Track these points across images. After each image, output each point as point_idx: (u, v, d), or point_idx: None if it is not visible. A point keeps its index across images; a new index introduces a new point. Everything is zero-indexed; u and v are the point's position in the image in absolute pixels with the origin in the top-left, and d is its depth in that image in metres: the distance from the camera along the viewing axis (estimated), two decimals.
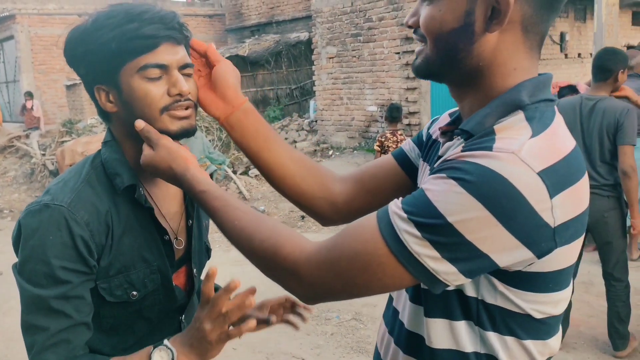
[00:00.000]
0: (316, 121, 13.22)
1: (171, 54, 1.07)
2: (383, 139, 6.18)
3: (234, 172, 9.15)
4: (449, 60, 0.91)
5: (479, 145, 0.83)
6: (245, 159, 9.60)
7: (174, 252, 1.21)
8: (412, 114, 10.56)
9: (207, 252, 1.36)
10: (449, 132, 1.02)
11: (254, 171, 9.30)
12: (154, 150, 1.07)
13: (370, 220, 0.87)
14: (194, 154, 1.14)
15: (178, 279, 1.24)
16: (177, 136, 1.10)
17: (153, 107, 1.07)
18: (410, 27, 0.96)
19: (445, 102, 10.86)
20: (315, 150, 12.28)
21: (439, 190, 0.80)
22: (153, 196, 1.18)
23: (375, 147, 6.31)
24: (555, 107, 0.92)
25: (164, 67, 1.07)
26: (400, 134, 6.28)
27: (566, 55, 12.19)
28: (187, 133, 1.11)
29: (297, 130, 13.95)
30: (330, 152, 11.98)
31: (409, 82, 10.53)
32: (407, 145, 1.20)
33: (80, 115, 16.15)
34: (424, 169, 1.10)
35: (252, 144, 1.18)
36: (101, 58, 1.05)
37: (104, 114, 1.15)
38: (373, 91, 11.35)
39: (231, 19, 19.31)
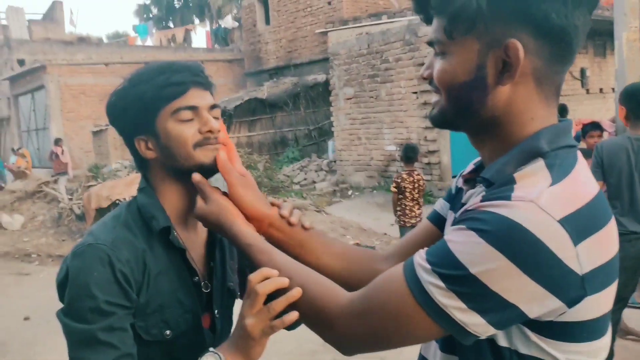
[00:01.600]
0: (335, 161, 13.33)
1: (199, 97, 1.19)
2: (399, 180, 6.18)
3: None
4: (463, 111, 0.93)
5: (498, 195, 0.83)
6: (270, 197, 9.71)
7: (202, 293, 1.29)
8: (431, 152, 10.61)
9: (231, 295, 1.40)
10: (471, 180, 1.03)
11: None
12: (206, 204, 1.15)
13: (397, 272, 0.87)
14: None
15: (205, 321, 1.30)
16: (210, 168, 1.19)
17: (188, 144, 1.17)
18: (425, 79, 0.98)
19: (464, 140, 10.79)
20: (334, 191, 12.34)
21: (460, 241, 0.81)
22: (183, 239, 1.26)
23: (392, 189, 6.29)
24: (578, 153, 0.91)
25: (194, 109, 1.18)
26: (417, 174, 6.27)
27: (587, 91, 12.19)
28: (217, 164, 1.21)
29: (316, 171, 14.07)
30: (350, 192, 12.04)
31: (427, 121, 10.57)
32: (439, 204, 1.20)
33: (106, 160, 16.54)
34: (450, 218, 1.10)
35: (290, 252, 1.17)
36: (139, 110, 1.18)
37: (142, 163, 1.26)
38: (391, 131, 11.45)
39: (250, 63, 19.77)
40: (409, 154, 6.23)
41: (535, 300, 0.78)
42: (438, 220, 1.18)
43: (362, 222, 9.25)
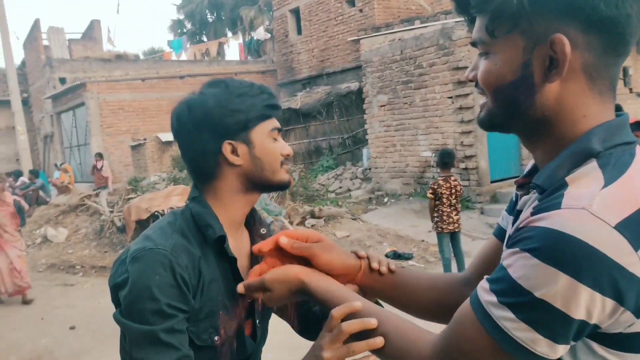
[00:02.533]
0: (370, 169, 13.30)
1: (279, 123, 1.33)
2: (436, 187, 6.13)
3: (290, 223, 9.30)
4: (511, 112, 0.90)
5: (548, 204, 0.80)
6: (300, 210, 9.77)
7: (246, 302, 1.33)
8: (468, 157, 10.49)
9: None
10: (525, 185, 0.99)
11: (310, 221, 9.43)
12: (270, 292, 1.14)
13: (467, 314, 0.86)
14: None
15: (247, 329, 1.34)
16: (286, 185, 1.32)
17: (277, 161, 1.28)
18: (471, 80, 0.96)
19: (502, 144, 10.74)
20: (370, 198, 12.30)
21: (517, 266, 0.78)
22: (232, 249, 1.30)
23: (429, 195, 6.24)
24: (638, 149, 0.86)
25: (280, 131, 1.31)
26: (454, 180, 6.21)
27: (630, 90, 11.89)
28: (290, 184, 1.34)
29: (351, 179, 14.06)
30: (386, 200, 11.99)
31: (463, 126, 10.50)
32: (501, 217, 1.17)
33: (144, 173, 16.90)
34: (510, 223, 1.08)
35: (383, 295, 1.23)
36: (240, 118, 1.25)
37: (210, 170, 1.27)
38: (427, 137, 11.37)
39: (283, 74, 19.93)
40: (445, 159, 6.18)
41: (603, 312, 0.75)
42: (502, 235, 1.14)
43: (399, 230, 9.20)
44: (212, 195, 1.29)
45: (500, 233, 1.16)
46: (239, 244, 1.33)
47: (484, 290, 0.84)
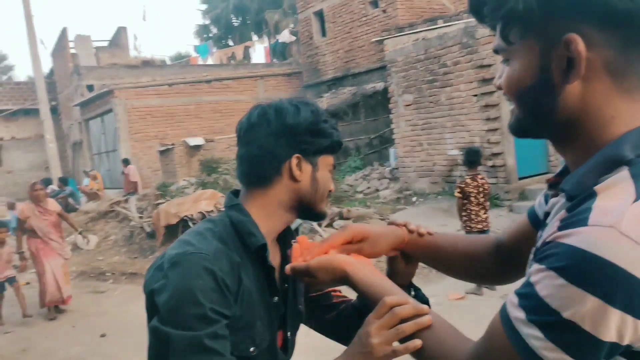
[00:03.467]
0: (397, 168, 13.22)
1: None
2: (463, 185, 6.06)
3: (319, 225, 9.29)
4: (536, 116, 0.89)
5: (575, 219, 0.76)
6: (328, 211, 9.74)
7: (279, 313, 1.31)
8: (495, 155, 10.36)
9: (300, 316, 1.43)
10: (556, 184, 0.96)
11: (338, 223, 9.40)
12: (314, 278, 1.17)
13: (497, 329, 0.84)
14: None
15: (278, 340, 1.33)
16: (323, 216, 1.37)
17: (327, 192, 1.33)
18: (499, 88, 0.96)
19: (529, 140, 10.53)
20: (398, 198, 12.23)
21: (545, 285, 0.76)
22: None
23: (456, 194, 6.18)
24: None
25: (335, 168, 1.39)
26: (482, 178, 6.13)
27: None
28: (325, 217, 1.43)
29: (379, 179, 13.99)
30: (414, 199, 11.90)
31: (489, 124, 10.38)
32: (537, 202, 1.16)
33: (173, 177, 17.06)
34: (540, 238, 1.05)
35: (425, 257, 1.34)
36: (321, 141, 1.29)
37: (265, 178, 1.28)
38: (453, 135, 11.26)
39: (308, 76, 19.96)
40: (472, 157, 6.12)
41: (637, 334, 0.72)
42: (534, 220, 1.14)
43: (428, 229, 9.10)
44: (256, 204, 1.28)
45: (532, 215, 1.16)
46: (274, 254, 1.33)
47: (513, 305, 0.81)
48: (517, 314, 0.80)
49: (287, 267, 1.20)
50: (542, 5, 0.81)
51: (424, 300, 1.30)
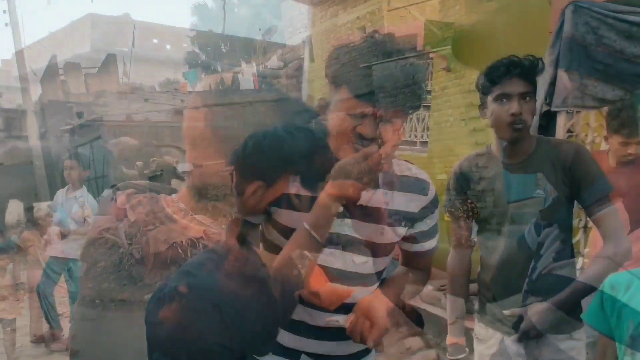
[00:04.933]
0: None
1: None
2: (453, 210, 6.05)
3: None
4: None
5: None
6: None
7: None
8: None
9: None
10: None
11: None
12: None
13: None
14: None
15: None
16: None
17: None
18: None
19: None
20: None
21: None
22: None
23: (446, 218, 6.17)
24: None
25: None
26: (470, 202, 6.12)
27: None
28: None
29: None
30: None
31: (477, 148, 10.40)
32: None
33: None
34: None
35: None
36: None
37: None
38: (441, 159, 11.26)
39: (297, 100, 19.97)
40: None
41: None
42: None
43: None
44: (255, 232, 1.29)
45: None
46: None
47: None
48: None
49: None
50: None
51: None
